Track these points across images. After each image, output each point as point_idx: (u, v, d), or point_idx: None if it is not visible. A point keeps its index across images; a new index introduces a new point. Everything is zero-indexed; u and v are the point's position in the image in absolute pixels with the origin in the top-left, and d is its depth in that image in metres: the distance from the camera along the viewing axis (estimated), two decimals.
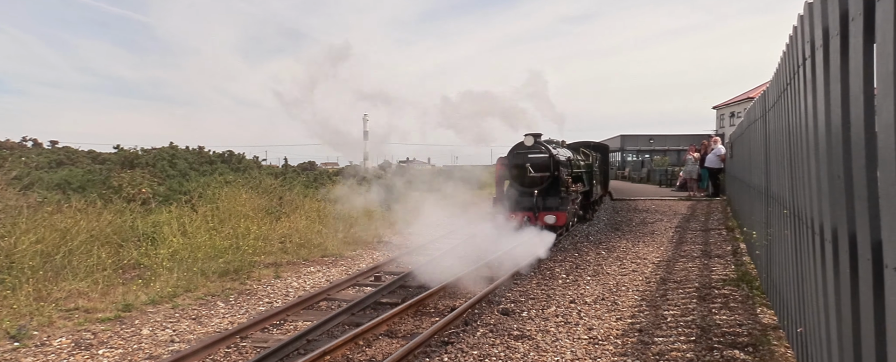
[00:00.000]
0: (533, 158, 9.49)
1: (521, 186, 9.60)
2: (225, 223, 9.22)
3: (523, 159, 9.55)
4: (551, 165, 9.41)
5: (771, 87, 4.61)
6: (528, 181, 9.52)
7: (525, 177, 9.52)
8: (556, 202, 9.35)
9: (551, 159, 9.43)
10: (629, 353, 4.21)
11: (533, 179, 9.45)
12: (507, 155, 9.90)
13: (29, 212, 7.69)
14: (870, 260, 1.72)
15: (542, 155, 9.48)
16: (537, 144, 9.58)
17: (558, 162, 9.48)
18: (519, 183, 9.64)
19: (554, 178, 9.42)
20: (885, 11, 1.46)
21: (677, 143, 47.56)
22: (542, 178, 9.42)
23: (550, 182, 9.43)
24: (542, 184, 9.43)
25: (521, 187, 9.59)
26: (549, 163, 9.42)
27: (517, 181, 9.67)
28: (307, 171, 19.54)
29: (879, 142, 1.57)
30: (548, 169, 9.40)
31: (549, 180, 9.42)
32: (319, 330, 5.06)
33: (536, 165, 9.42)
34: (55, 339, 4.90)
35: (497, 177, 10.34)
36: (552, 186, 9.46)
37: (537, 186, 9.41)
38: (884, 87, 1.49)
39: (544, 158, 9.45)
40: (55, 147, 17.53)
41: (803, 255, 3.09)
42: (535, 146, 9.56)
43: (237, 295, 6.52)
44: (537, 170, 9.38)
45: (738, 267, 7.03)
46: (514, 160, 9.72)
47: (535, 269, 7.35)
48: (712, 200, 15.36)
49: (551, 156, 9.44)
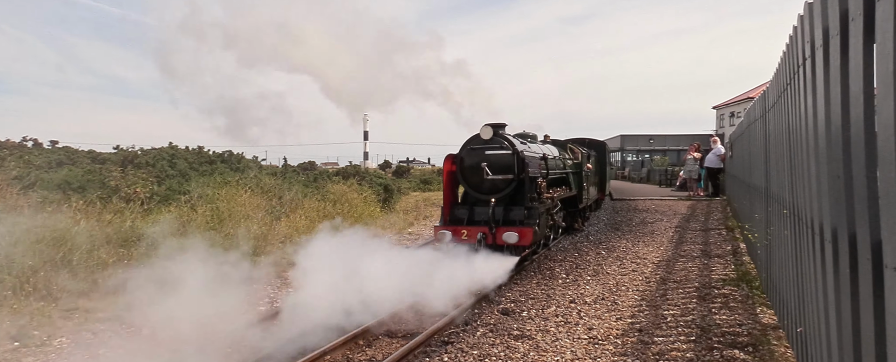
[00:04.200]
0: (491, 156, 7.33)
1: (477, 193, 7.46)
2: (225, 223, 9.22)
3: (479, 157, 7.38)
4: (516, 165, 7.24)
5: (771, 87, 4.61)
6: (487, 186, 7.35)
7: (482, 182, 7.35)
8: (521, 214, 7.14)
9: (516, 157, 7.25)
10: (629, 353, 4.21)
11: (493, 184, 7.30)
12: (459, 151, 7.66)
13: (29, 212, 7.69)
14: (870, 260, 1.72)
15: (504, 151, 7.31)
16: (498, 137, 7.39)
17: (525, 160, 7.27)
18: (474, 188, 7.50)
19: (519, 182, 7.26)
20: (885, 11, 1.46)
21: (677, 143, 47.62)
22: (504, 182, 7.29)
23: (515, 187, 7.27)
24: (503, 190, 7.26)
25: (478, 194, 7.45)
26: (512, 161, 7.25)
27: (472, 186, 7.52)
28: (307, 171, 19.54)
29: (879, 142, 1.57)
30: (511, 169, 7.24)
31: (512, 185, 7.27)
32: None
33: (496, 165, 7.26)
34: (55, 339, 4.90)
35: (445, 183, 7.82)
36: (517, 193, 7.31)
37: (497, 193, 7.25)
38: (884, 87, 1.49)
39: (506, 156, 7.28)
40: (55, 147, 17.54)
41: (803, 255, 3.09)
42: (495, 140, 7.37)
43: None
44: (497, 171, 7.23)
45: (738, 267, 7.03)
46: (468, 158, 7.53)
47: (537, 270, 7.36)
48: (712, 200, 15.37)
49: (516, 152, 7.27)
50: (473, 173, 7.43)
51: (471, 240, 6.99)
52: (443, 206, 7.71)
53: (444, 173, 7.83)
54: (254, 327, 5.10)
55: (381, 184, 17.25)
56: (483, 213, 7.25)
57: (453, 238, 7.05)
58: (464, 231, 7.11)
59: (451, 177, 7.76)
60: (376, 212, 12.67)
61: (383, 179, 18.30)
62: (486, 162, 7.26)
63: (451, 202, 7.73)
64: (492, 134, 7.35)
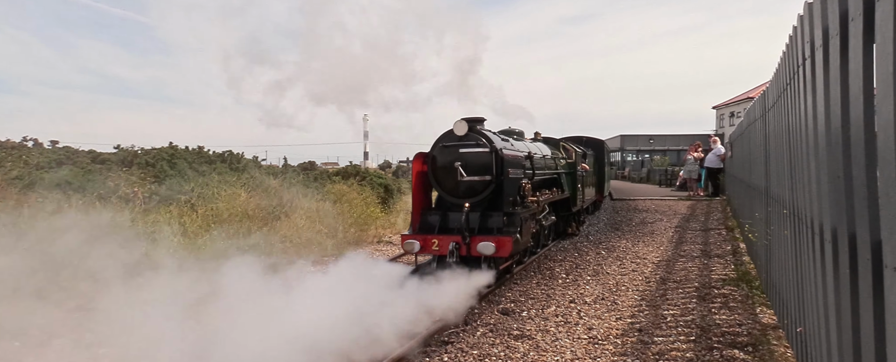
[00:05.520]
0: (466, 154, 6.50)
1: (451, 197, 6.63)
2: (225, 223, 9.22)
3: (452, 156, 6.55)
4: (494, 164, 6.40)
5: (771, 87, 4.61)
6: (462, 189, 6.52)
7: (457, 184, 6.52)
8: (500, 221, 6.30)
9: (494, 155, 6.42)
10: (629, 353, 4.21)
11: (469, 186, 6.48)
12: (431, 149, 6.81)
13: (30, 212, 7.70)
14: (870, 260, 1.72)
15: (480, 149, 6.46)
16: (473, 133, 6.54)
17: (504, 159, 6.45)
18: (448, 192, 6.65)
19: (498, 185, 6.44)
20: (885, 11, 1.46)
21: (677, 143, 47.69)
22: (481, 184, 6.45)
23: (493, 190, 6.44)
24: (481, 193, 6.45)
25: (452, 198, 6.61)
26: (490, 160, 6.42)
27: (446, 189, 6.68)
28: (307, 171, 19.54)
29: (879, 142, 1.57)
30: (488, 170, 6.41)
31: (490, 187, 6.44)
32: None
33: (471, 165, 6.45)
34: (55, 339, 4.90)
35: (414, 185, 6.88)
36: (495, 196, 6.47)
37: (474, 196, 6.45)
38: (884, 87, 1.49)
39: (483, 154, 6.44)
40: (55, 147, 17.54)
41: (803, 255, 3.10)
42: (471, 136, 6.52)
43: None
44: (473, 171, 6.44)
45: (738, 266, 7.04)
46: (440, 157, 6.69)
47: (537, 270, 7.36)
48: (712, 200, 15.37)
49: (494, 150, 6.43)
50: (447, 174, 6.61)
51: (442, 252, 6.18)
52: (412, 212, 6.87)
53: (414, 174, 6.92)
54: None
55: (381, 184, 17.25)
56: (458, 220, 6.35)
57: (426, 246, 6.26)
58: (434, 240, 6.24)
59: (422, 179, 6.89)
60: (376, 212, 12.67)
61: (383, 179, 18.30)
62: (460, 161, 6.44)
63: (421, 207, 6.88)
64: (467, 129, 6.47)
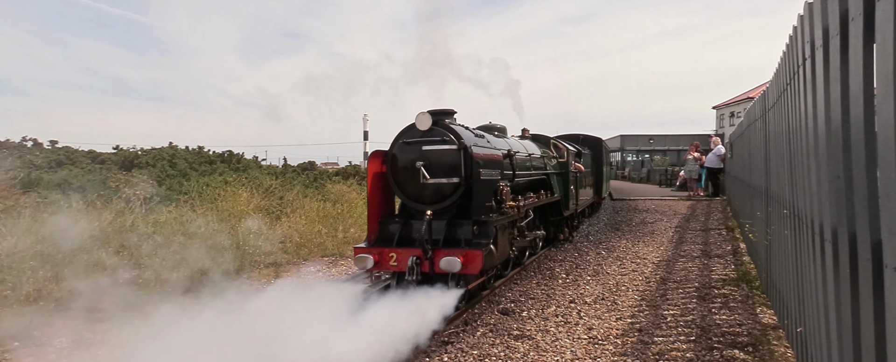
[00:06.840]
0: (431, 152, 5.52)
1: (414, 202, 5.65)
2: (225, 223, 9.22)
3: (414, 154, 5.57)
4: (463, 164, 5.44)
5: (771, 87, 4.61)
6: (428, 194, 5.55)
7: (421, 188, 5.54)
8: (469, 231, 5.35)
9: (462, 153, 5.45)
10: (629, 353, 4.21)
11: (436, 190, 5.51)
12: (390, 146, 5.80)
13: (30, 212, 7.70)
14: (870, 260, 1.72)
15: (447, 146, 5.48)
16: (439, 128, 5.56)
17: (474, 158, 5.43)
18: (410, 197, 5.68)
19: (468, 188, 5.46)
20: (885, 11, 1.46)
21: (677, 143, 47.72)
22: (450, 188, 5.48)
23: (462, 194, 5.48)
24: (447, 199, 5.49)
25: (416, 204, 5.63)
26: (458, 159, 5.45)
27: (408, 194, 5.70)
28: (307, 171, 19.54)
29: (879, 143, 1.57)
30: (456, 170, 5.44)
31: (459, 191, 5.47)
32: None
33: (437, 165, 5.48)
34: (55, 339, 4.90)
35: (370, 188, 5.81)
36: (465, 202, 5.49)
37: (442, 201, 5.50)
38: (884, 87, 1.49)
39: (450, 152, 5.47)
40: (55, 147, 17.54)
41: (803, 255, 3.10)
42: (436, 131, 5.54)
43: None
44: (438, 172, 5.46)
45: (738, 266, 7.04)
46: (401, 155, 5.69)
47: (537, 270, 7.36)
48: (712, 200, 15.37)
49: (462, 148, 5.45)
50: (408, 176, 5.60)
51: (401, 268, 5.22)
52: (368, 220, 5.77)
53: (369, 175, 5.84)
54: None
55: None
56: (414, 230, 5.47)
57: (378, 264, 5.30)
58: (393, 254, 5.28)
59: (380, 181, 5.85)
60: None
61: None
62: (423, 160, 5.45)
63: (379, 214, 5.81)
64: (431, 123, 5.47)
